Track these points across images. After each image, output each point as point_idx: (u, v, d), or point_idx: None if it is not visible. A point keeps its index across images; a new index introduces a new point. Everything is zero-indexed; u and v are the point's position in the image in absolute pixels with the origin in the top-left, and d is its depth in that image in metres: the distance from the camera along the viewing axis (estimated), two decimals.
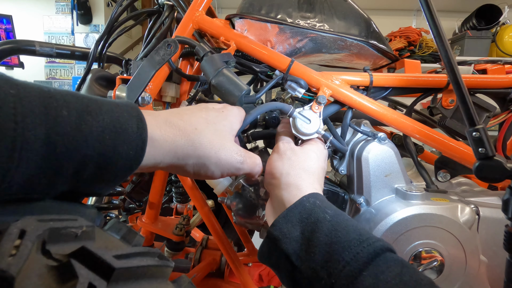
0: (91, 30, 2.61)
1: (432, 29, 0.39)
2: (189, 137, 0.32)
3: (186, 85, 0.62)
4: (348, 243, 0.31)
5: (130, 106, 0.27)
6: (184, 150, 0.31)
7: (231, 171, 0.36)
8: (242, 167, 0.37)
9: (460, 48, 1.99)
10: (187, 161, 0.32)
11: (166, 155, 0.30)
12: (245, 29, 0.55)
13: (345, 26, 0.56)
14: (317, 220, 0.33)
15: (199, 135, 0.33)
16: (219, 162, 0.34)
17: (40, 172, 0.22)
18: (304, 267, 0.31)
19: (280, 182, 0.38)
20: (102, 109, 0.25)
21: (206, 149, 0.33)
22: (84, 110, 0.23)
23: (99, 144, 0.24)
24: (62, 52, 0.72)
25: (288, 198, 0.37)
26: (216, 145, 0.34)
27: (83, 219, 0.22)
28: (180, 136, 0.31)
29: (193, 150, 0.32)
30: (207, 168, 0.34)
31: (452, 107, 0.55)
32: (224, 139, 0.35)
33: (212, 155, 0.33)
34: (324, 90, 0.50)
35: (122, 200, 0.81)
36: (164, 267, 0.23)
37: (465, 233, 0.46)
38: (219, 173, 0.35)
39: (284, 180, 0.38)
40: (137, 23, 0.70)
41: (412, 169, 0.64)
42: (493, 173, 0.39)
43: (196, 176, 0.35)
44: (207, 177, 0.36)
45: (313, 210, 0.34)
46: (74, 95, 0.24)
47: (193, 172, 0.34)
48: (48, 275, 0.17)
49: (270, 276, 1.00)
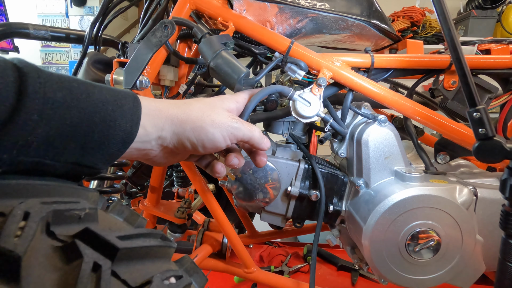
0: (85, 12, 2.54)
1: (436, 7, 0.38)
2: (180, 108, 0.35)
3: (185, 68, 0.61)
4: None
5: (126, 90, 0.31)
6: (178, 117, 0.34)
7: (230, 132, 0.36)
8: (240, 128, 0.37)
9: (464, 28, 1.94)
10: (185, 127, 0.34)
11: (165, 122, 0.33)
12: (244, 9, 0.54)
13: (347, 6, 0.55)
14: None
15: (190, 105, 0.36)
16: (214, 123, 0.35)
17: (57, 134, 0.24)
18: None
19: None
20: (103, 87, 0.28)
21: (198, 113, 0.35)
22: (90, 85, 0.27)
23: (104, 113, 0.27)
24: (57, 35, 0.71)
25: None
26: (207, 110, 0.36)
27: (85, 202, 0.22)
28: (172, 107, 0.34)
29: (186, 116, 0.35)
30: (206, 130, 0.35)
31: (454, 88, 0.54)
32: (214, 107, 0.37)
33: (205, 117, 0.35)
34: (325, 72, 0.49)
35: (123, 185, 0.82)
36: (167, 248, 0.24)
37: (462, 213, 0.47)
38: (220, 135, 0.35)
39: None
40: (132, 4, 0.68)
41: (412, 152, 0.64)
42: (492, 154, 0.39)
43: (202, 145, 0.35)
44: (212, 142, 0.35)
45: None
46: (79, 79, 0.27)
47: (195, 138, 0.35)
48: (53, 255, 0.17)
49: (270, 257, 1.02)
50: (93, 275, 0.17)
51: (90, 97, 0.26)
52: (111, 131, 0.27)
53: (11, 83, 0.21)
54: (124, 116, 0.28)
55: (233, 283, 0.91)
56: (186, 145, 0.35)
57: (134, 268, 0.20)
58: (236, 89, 0.45)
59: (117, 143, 0.28)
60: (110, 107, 0.27)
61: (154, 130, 0.32)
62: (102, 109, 0.27)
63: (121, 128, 0.28)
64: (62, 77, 0.25)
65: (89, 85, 0.27)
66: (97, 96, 0.27)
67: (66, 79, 0.25)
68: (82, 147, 0.26)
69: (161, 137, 0.34)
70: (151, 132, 0.32)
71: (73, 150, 0.26)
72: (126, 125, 0.28)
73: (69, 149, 0.25)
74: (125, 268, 0.19)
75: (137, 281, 0.19)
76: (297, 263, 0.98)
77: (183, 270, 0.24)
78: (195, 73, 0.62)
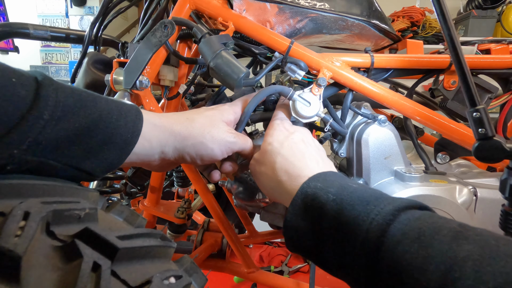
0: (85, 12, 2.54)
1: (435, 7, 0.38)
2: (183, 124, 0.37)
3: (185, 68, 0.61)
4: (355, 221, 0.29)
5: (131, 104, 0.33)
6: (181, 133, 0.37)
7: (228, 146, 0.39)
8: (237, 142, 0.40)
9: (464, 28, 1.94)
10: (187, 143, 0.37)
11: (168, 138, 0.36)
12: (244, 9, 0.54)
13: (346, 5, 0.55)
14: (321, 204, 0.32)
15: (191, 121, 0.38)
16: (213, 139, 0.38)
17: (65, 136, 0.26)
18: (323, 255, 0.32)
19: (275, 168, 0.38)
20: (109, 99, 0.30)
21: (199, 130, 0.37)
22: (98, 96, 0.29)
23: (108, 121, 0.29)
24: (57, 35, 0.71)
25: (290, 187, 0.36)
26: (207, 127, 0.38)
27: (85, 202, 0.22)
28: (176, 124, 0.37)
29: (188, 133, 0.37)
30: (206, 146, 0.37)
31: (454, 88, 0.54)
32: (214, 122, 0.39)
33: (205, 134, 0.38)
34: (325, 72, 0.50)
35: (123, 185, 0.82)
36: (167, 248, 0.24)
37: (462, 213, 0.47)
38: (219, 150, 0.38)
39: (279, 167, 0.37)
40: (132, 3, 0.68)
41: (412, 152, 0.64)
42: (492, 153, 0.39)
43: (200, 158, 0.38)
44: (210, 156, 0.38)
45: (316, 195, 0.32)
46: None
47: (195, 153, 0.37)
48: (53, 255, 0.17)
49: (270, 257, 1.02)
50: (93, 274, 0.17)
51: (97, 105, 0.28)
52: (112, 138, 0.29)
53: (32, 91, 0.24)
54: (126, 126, 0.30)
55: (233, 283, 0.91)
56: (186, 159, 0.38)
57: (133, 268, 0.20)
58: (236, 90, 0.45)
59: (117, 151, 0.30)
60: (115, 116, 0.29)
61: (158, 145, 0.35)
62: (107, 117, 0.28)
63: (122, 137, 0.30)
64: (73, 87, 0.28)
65: (96, 96, 0.29)
66: (103, 106, 0.29)
67: (76, 89, 0.28)
68: (84, 150, 0.27)
69: (164, 152, 0.36)
70: (155, 147, 0.35)
71: (75, 153, 0.27)
72: (127, 135, 0.30)
73: (72, 152, 0.27)
74: (124, 268, 0.19)
75: (136, 281, 0.19)
76: (297, 263, 0.98)
77: (182, 270, 0.24)
78: (195, 73, 0.62)
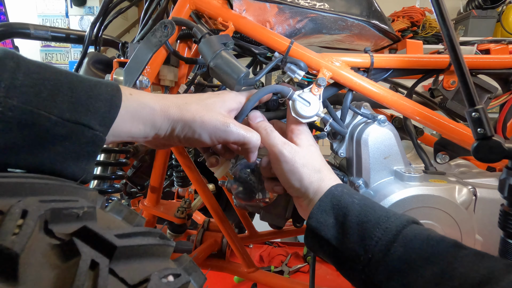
0: (85, 12, 2.54)
1: (434, 7, 0.38)
2: (179, 107, 0.37)
3: (185, 68, 0.61)
4: (377, 220, 0.36)
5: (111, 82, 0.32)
6: (175, 116, 0.36)
7: (218, 135, 0.38)
8: (230, 131, 0.38)
9: (464, 28, 1.94)
10: (176, 125, 0.37)
11: (163, 122, 0.36)
12: (244, 9, 0.54)
13: (346, 6, 0.55)
14: (347, 205, 0.38)
15: (188, 105, 0.37)
16: (203, 124, 0.37)
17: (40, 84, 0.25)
18: (343, 247, 0.37)
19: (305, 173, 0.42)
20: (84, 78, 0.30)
21: (192, 114, 0.37)
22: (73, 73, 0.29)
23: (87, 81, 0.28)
24: (57, 35, 0.71)
25: (318, 186, 0.41)
26: (200, 111, 0.37)
27: (84, 200, 0.22)
28: (173, 107, 0.37)
29: (181, 116, 0.36)
30: (193, 130, 0.37)
31: (453, 88, 0.54)
32: (210, 108, 0.38)
33: (196, 119, 0.37)
34: (324, 72, 0.50)
35: (123, 185, 0.82)
36: (166, 246, 0.24)
37: (462, 213, 0.47)
38: (207, 136, 0.38)
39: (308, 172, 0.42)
40: (133, 4, 0.68)
41: (411, 152, 0.64)
42: (491, 153, 0.39)
43: (187, 141, 0.38)
44: (197, 140, 0.38)
45: (342, 197, 0.39)
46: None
47: (182, 135, 0.37)
48: (51, 253, 0.17)
49: (270, 257, 1.02)
50: (91, 273, 0.17)
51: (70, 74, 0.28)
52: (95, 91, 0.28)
53: None
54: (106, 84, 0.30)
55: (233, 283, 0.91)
56: (175, 141, 0.38)
57: (132, 266, 0.20)
58: (236, 89, 0.45)
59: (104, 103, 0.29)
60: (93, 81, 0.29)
61: (151, 130, 0.35)
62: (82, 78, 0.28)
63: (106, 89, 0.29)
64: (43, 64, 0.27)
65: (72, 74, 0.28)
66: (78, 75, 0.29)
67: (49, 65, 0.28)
68: (70, 102, 0.27)
69: (157, 134, 0.37)
70: (149, 132, 0.35)
71: (63, 105, 0.26)
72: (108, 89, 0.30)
73: (59, 104, 0.26)
74: (123, 266, 0.19)
75: (135, 279, 0.19)
76: (297, 263, 0.98)
77: (181, 269, 0.24)
78: (195, 73, 0.62)
